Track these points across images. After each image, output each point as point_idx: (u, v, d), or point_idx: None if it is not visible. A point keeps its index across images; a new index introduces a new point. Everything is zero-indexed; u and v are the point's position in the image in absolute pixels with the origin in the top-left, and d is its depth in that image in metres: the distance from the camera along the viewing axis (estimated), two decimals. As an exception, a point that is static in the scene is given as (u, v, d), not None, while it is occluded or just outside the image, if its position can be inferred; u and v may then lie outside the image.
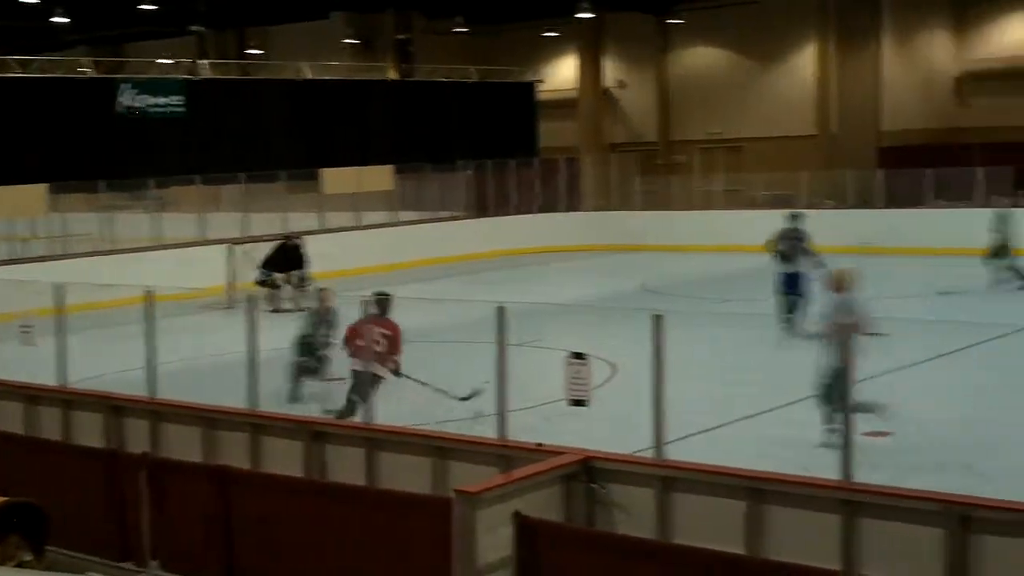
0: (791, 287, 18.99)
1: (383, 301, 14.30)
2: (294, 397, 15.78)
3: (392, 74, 36.26)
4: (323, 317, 16.21)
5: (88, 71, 27.70)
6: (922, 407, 14.52)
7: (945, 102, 40.12)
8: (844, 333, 12.27)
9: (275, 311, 22.87)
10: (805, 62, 41.19)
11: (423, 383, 14.41)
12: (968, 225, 24.49)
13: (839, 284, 12.96)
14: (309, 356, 16.18)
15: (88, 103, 26.74)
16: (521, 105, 36.55)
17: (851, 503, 7.53)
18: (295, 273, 24.60)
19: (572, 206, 36.82)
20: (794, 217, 20.16)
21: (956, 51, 40.34)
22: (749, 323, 19.24)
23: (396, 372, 14.23)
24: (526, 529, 7.88)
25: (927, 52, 40.12)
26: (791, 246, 19.52)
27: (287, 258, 24.93)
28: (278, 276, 24.65)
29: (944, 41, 40.30)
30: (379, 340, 13.65)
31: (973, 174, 31.55)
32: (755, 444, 12.72)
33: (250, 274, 25.19)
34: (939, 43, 40.27)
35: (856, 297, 13.01)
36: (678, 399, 8.94)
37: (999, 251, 24.00)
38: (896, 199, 32.35)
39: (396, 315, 14.49)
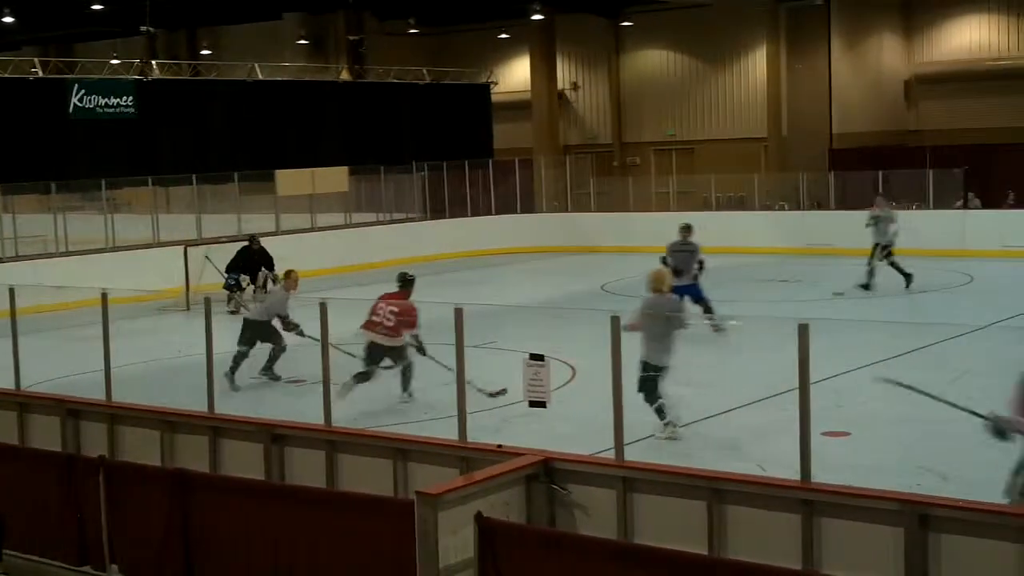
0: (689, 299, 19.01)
1: (403, 281, 15.29)
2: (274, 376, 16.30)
3: (344, 75, 36.07)
4: (286, 299, 16.48)
5: (38, 72, 27.40)
6: (879, 407, 14.65)
7: (895, 105, 40.51)
8: (656, 330, 12.59)
9: (234, 312, 22.74)
10: (756, 65, 41.42)
11: (448, 368, 14.40)
12: (918, 226, 24.69)
13: (656, 285, 13.25)
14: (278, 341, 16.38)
15: (38, 104, 26.48)
16: (475, 107, 36.50)
17: (811, 503, 7.58)
18: (263, 273, 24.37)
19: (527, 208, 36.87)
20: (685, 230, 20.20)
21: (905, 55, 40.76)
22: (702, 323, 19.28)
23: (420, 350, 14.70)
24: (487, 531, 7.89)
25: (877, 55, 40.47)
26: (682, 259, 19.55)
27: (253, 260, 24.71)
28: (245, 279, 24.45)
29: (893, 45, 40.68)
30: (388, 316, 14.59)
31: (924, 176, 31.88)
32: (713, 444, 12.80)
33: (209, 276, 25.02)
34: (888, 47, 40.64)
35: (671, 297, 13.70)
36: (637, 400, 9.00)
37: (878, 249, 24.18)
38: (847, 201, 32.61)
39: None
